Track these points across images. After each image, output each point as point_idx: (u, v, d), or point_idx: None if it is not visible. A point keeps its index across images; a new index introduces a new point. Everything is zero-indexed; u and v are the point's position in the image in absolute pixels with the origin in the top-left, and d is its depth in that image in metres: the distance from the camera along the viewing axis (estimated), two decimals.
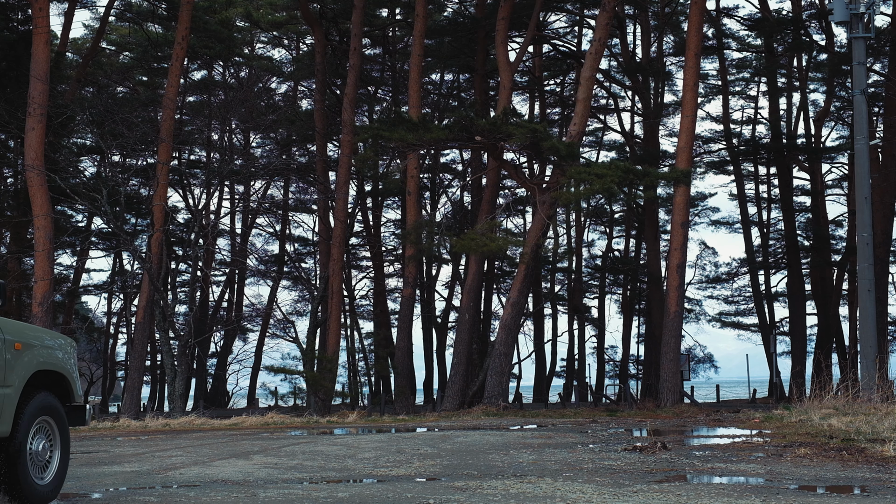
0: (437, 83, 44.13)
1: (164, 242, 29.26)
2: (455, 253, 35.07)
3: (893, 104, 32.68)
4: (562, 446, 12.88)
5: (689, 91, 28.14)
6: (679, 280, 27.83)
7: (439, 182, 44.04)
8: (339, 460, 11.14)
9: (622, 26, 38.40)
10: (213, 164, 36.77)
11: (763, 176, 46.84)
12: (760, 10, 39.72)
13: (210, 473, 9.85)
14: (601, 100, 45.06)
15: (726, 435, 15.21)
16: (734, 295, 49.30)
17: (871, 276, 23.00)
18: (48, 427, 7.67)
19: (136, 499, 7.79)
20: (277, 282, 44.16)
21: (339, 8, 36.64)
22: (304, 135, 39.24)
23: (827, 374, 26.45)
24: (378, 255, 41.57)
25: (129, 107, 32.73)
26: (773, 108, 41.15)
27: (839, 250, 42.32)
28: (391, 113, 28.41)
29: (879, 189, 31.52)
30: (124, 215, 32.05)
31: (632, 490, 7.88)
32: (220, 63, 42.87)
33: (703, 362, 47.13)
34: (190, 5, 30.03)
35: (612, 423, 19.93)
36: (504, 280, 43.96)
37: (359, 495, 7.85)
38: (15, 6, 31.93)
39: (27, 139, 26.63)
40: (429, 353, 43.49)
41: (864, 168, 23.18)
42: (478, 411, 24.76)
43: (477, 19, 35.15)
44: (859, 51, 23.44)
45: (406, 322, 31.19)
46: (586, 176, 24.79)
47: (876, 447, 10.97)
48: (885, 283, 33.67)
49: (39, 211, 26.66)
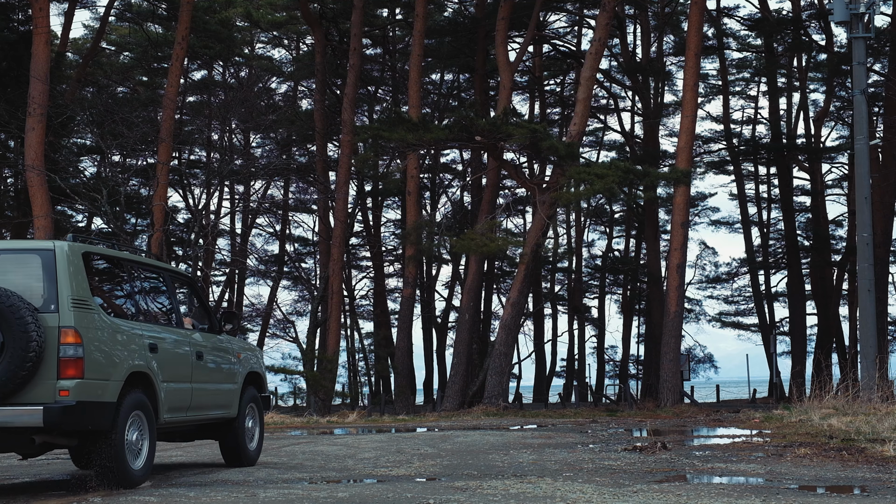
0: (437, 83, 44.13)
1: (164, 242, 29.25)
2: (455, 253, 35.07)
3: (893, 104, 32.68)
4: (562, 446, 12.88)
5: (689, 91, 28.14)
6: (679, 280, 27.84)
7: (439, 182, 44.05)
8: (339, 460, 11.15)
9: (622, 26, 38.40)
10: (213, 164, 36.77)
11: (763, 176, 46.85)
12: (760, 10, 39.72)
13: (210, 473, 9.85)
14: (601, 100, 45.07)
15: (726, 435, 15.21)
16: (734, 295, 49.35)
17: (871, 276, 22.99)
18: (254, 410, 10.91)
19: (137, 498, 7.80)
20: (277, 282, 44.17)
21: (339, 8, 36.64)
22: (304, 135, 39.25)
23: (827, 374, 26.44)
24: (378, 255, 41.58)
25: (129, 107, 32.68)
26: (773, 108, 41.16)
27: (839, 250, 42.32)
28: (391, 113, 28.38)
29: (879, 189, 31.52)
30: (124, 215, 32.04)
31: (632, 490, 7.88)
32: (220, 63, 42.85)
33: (703, 362, 47.16)
34: (190, 5, 30.02)
35: (612, 423, 19.93)
36: (504, 280, 43.97)
37: (359, 495, 7.85)
38: (15, 6, 31.91)
39: (27, 139, 26.62)
40: (429, 353, 43.50)
41: (864, 168, 23.17)
42: (478, 411, 24.76)
43: (477, 19, 35.15)
44: (859, 51, 23.44)
45: (406, 322, 31.20)
46: (586, 176, 24.79)
47: (876, 447, 10.97)
48: (885, 283, 33.69)
49: (39, 211, 26.64)
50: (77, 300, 7.99)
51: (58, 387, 7.79)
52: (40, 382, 7.81)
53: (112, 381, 8.14)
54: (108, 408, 8.07)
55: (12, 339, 7.65)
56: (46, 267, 8.02)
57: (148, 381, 8.65)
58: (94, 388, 7.97)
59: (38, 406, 7.72)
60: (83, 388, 7.85)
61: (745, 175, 45.32)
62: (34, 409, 7.71)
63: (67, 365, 7.83)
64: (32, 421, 7.72)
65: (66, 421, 7.75)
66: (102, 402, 8.02)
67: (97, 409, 7.97)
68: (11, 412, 7.74)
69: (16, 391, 7.77)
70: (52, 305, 7.91)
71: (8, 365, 7.67)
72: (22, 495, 8.29)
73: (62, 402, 7.73)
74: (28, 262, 8.12)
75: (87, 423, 7.92)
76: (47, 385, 7.80)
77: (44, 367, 7.82)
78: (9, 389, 7.71)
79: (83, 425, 7.93)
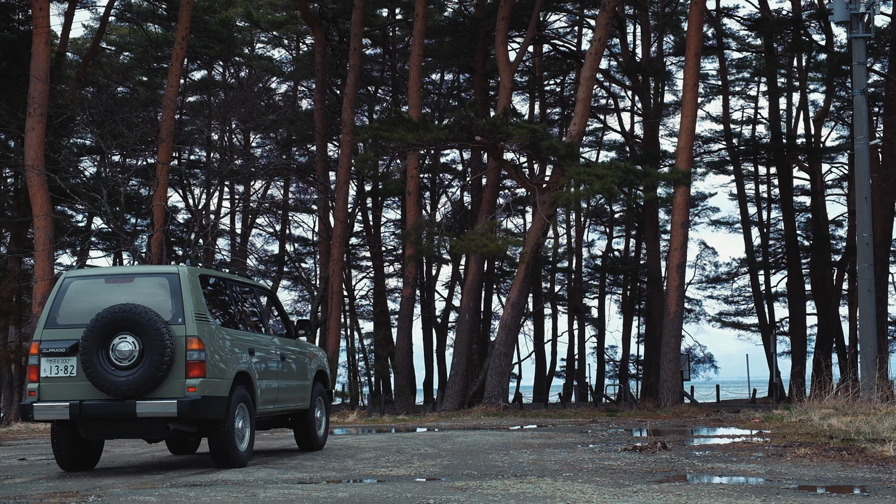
0: (437, 83, 44.12)
1: (164, 242, 29.25)
2: (455, 253, 35.06)
3: (893, 104, 32.67)
4: (562, 446, 12.88)
5: (689, 91, 28.13)
6: (679, 280, 27.83)
7: (439, 182, 44.04)
8: (339, 460, 11.15)
9: (622, 26, 38.39)
10: (213, 164, 36.76)
11: (763, 176, 46.84)
12: (760, 10, 39.71)
13: (210, 473, 9.85)
14: (601, 100, 45.05)
15: (726, 435, 15.21)
16: (734, 295, 49.34)
17: (871, 276, 22.98)
18: (321, 403, 12.97)
19: (136, 498, 7.80)
20: (277, 282, 44.16)
21: (339, 8, 36.63)
22: (304, 135, 39.24)
23: (827, 374, 26.42)
24: (378, 255, 41.57)
25: (129, 107, 32.68)
26: (773, 108, 41.15)
27: (839, 250, 42.32)
28: (391, 113, 28.35)
29: (879, 189, 31.51)
30: (124, 215, 32.03)
31: (632, 490, 7.88)
32: (220, 63, 42.85)
33: (703, 362, 47.15)
34: (190, 5, 30.02)
35: (612, 423, 19.92)
36: (504, 280, 43.97)
37: (359, 495, 7.85)
38: (15, 6, 31.89)
39: (27, 139, 26.62)
40: (429, 353, 43.49)
41: (864, 168, 23.16)
42: (478, 411, 24.75)
43: (477, 19, 35.14)
44: (859, 51, 23.43)
45: (406, 322, 31.20)
46: (586, 176, 24.77)
47: (876, 447, 10.97)
48: (885, 283, 33.67)
49: (39, 211, 26.64)
50: (198, 314, 9.96)
51: (186, 384, 9.77)
52: (172, 381, 9.78)
53: (225, 380, 10.12)
54: (222, 401, 10.02)
55: (151, 346, 9.65)
56: (173, 287, 10.00)
57: (248, 379, 10.66)
58: (213, 385, 9.93)
59: (172, 400, 9.68)
60: (205, 386, 9.83)
61: (745, 175, 45.31)
62: (170, 402, 9.68)
63: (193, 367, 9.81)
64: (169, 412, 9.69)
65: (193, 412, 9.69)
66: (218, 397, 9.98)
67: (215, 402, 9.92)
68: (154, 405, 9.69)
69: (154, 388, 9.73)
70: (179, 318, 9.87)
71: (148, 367, 9.66)
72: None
73: (190, 397, 9.70)
74: (158, 283, 10.12)
75: (207, 413, 9.85)
76: (178, 383, 9.78)
77: (174, 368, 9.79)
78: (149, 387, 9.69)
79: (205, 415, 9.84)
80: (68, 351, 9.88)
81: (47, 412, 9.89)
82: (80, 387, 9.84)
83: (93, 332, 9.70)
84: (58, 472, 10.58)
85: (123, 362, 9.73)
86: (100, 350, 9.73)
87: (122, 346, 9.73)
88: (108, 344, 9.74)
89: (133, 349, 9.72)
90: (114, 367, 9.73)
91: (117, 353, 9.75)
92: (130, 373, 9.68)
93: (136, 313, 9.68)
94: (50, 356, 9.96)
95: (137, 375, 9.66)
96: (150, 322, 9.63)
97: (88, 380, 9.75)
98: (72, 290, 10.20)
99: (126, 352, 9.73)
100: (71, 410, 9.77)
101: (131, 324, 9.69)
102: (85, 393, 9.82)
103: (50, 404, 9.87)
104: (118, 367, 9.73)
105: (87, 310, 9.93)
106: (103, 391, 9.72)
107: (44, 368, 9.98)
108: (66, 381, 9.91)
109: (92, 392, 9.79)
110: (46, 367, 9.97)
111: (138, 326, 9.68)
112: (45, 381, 9.96)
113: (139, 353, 9.70)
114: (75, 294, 10.17)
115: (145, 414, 9.69)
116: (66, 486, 9.06)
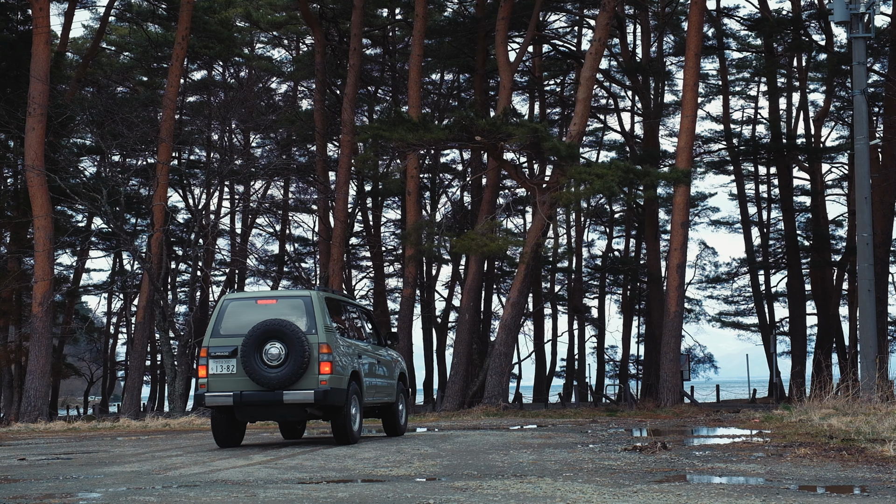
0: (437, 83, 44.12)
1: (164, 242, 29.25)
2: (455, 253, 35.06)
3: (893, 104, 32.66)
4: (562, 446, 12.88)
5: (689, 91, 28.13)
6: (679, 280, 27.83)
7: (439, 182, 44.03)
8: (339, 460, 11.14)
9: (622, 26, 38.38)
10: (213, 164, 36.77)
11: (763, 176, 46.85)
12: (760, 10, 39.70)
13: (210, 473, 9.85)
14: (601, 100, 45.06)
15: (726, 435, 15.20)
16: (734, 295, 49.34)
17: (871, 276, 22.98)
18: (403, 398, 15.94)
19: (136, 499, 7.80)
20: (277, 282, 44.17)
21: (339, 8, 36.63)
22: (304, 135, 39.24)
23: (827, 374, 26.41)
24: (378, 255, 41.57)
25: (129, 107, 32.69)
26: (773, 108, 41.14)
27: (839, 250, 42.31)
28: (391, 113, 28.36)
29: (879, 189, 31.50)
30: (124, 215, 32.03)
31: (632, 490, 7.88)
32: (220, 63, 42.86)
33: (703, 362, 47.15)
34: (190, 5, 30.02)
35: (612, 423, 19.92)
36: (504, 280, 43.96)
37: (359, 495, 7.85)
38: (15, 6, 31.91)
39: (27, 139, 26.63)
40: (429, 353, 43.50)
41: (864, 168, 23.16)
42: (478, 411, 24.76)
43: (477, 19, 35.13)
44: (859, 51, 23.43)
45: (406, 322, 31.20)
46: (586, 176, 24.76)
47: (876, 447, 10.97)
48: (885, 283, 33.66)
49: (39, 211, 26.65)
50: (326, 326, 13.06)
51: (319, 378, 12.86)
52: (308, 376, 12.89)
53: (345, 376, 13.25)
54: (343, 392, 13.12)
55: (294, 351, 12.75)
56: (307, 307, 13.13)
57: (358, 376, 13.80)
58: (337, 379, 13.01)
59: (310, 390, 12.81)
60: (332, 380, 12.92)
61: (745, 175, 45.31)
62: (308, 392, 12.80)
63: (324, 365, 12.90)
64: (308, 399, 12.81)
65: (325, 399, 12.79)
66: (341, 389, 13.07)
67: (338, 392, 13.02)
68: (296, 394, 12.81)
69: (296, 381, 12.84)
70: (312, 329, 12.97)
71: (292, 365, 12.75)
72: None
73: (322, 388, 12.82)
74: (296, 304, 13.24)
75: (333, 401, 12.91)
76: (313, 378, 12.88)
77: (310, 367, 12.88)
78: (292, 381, 12.79)
79: (332, 402, 12.90)
80: (230, 354, 12.98)
81: (216, 399, 12.96)
82: (239, 381, 12.94)
83: (251, 339, 12.77)
84: (58, 472, 10.59)
85: (273, 362, 12.79)
86: (255, 353, 12.78)
87: (272, 350, 12.80)
88: (262, 349, 12.81)
89: (280, 352, 12.79)
90: (266, 366, 12.78)
91: (269, 356, 12.80)
92: (278, 370, 12.76)
93: (282, 326, 12.74)
94: (216, 358, 13.02)
95: (284, 372, 12.74)
96: (293, 332, 12.73)
97: (247, 375, 12.82)
98: (230, 309, 13.28)
99: (275, 354, 12.80)
100: (234, 398, 12.87)
101: (279, 334, 12.75)
102: (243, 385, 12.92)
103: (217, 394, 12.95)
104: (269, 366, 12.79)
105: (242, 324, 12.99)
106: (258, 384, 12.79)
107: (212, 367, 13.03)
108: (228, 377, 13.00)
109: (248, 384, 12.89)
110: (213, 366, 13.03)
111: (284, 336, 12.74)
112: (213, 377, 13.03)
113: (285, 355, 12.77)
114: (233, 312, 13.23)
115: (290, 401, 12.80)
116: (65, 485, 9.06)
